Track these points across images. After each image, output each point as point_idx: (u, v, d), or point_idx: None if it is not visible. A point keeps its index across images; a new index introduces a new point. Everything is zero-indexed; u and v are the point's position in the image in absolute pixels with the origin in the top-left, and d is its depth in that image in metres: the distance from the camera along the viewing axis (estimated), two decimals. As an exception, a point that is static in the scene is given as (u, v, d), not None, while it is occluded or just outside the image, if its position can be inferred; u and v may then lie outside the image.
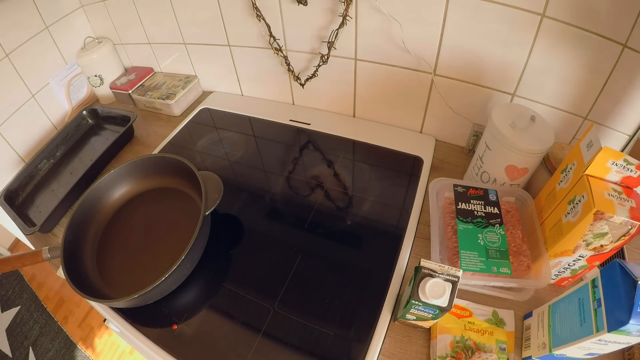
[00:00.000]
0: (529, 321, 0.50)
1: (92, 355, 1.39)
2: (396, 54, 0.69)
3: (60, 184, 0.84)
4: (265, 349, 0.52)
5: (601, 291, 0.38)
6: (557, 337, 0.43)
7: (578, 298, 0.41)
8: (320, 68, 0.77)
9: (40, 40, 0.90)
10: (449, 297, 0.43)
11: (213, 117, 0.93)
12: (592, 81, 0.57)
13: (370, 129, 0.82)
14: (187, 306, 0.58)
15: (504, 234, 0.52)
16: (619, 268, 0.37)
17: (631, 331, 0.35)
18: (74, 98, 1.03)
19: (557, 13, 0.53)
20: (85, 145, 0.92)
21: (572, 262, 0.50)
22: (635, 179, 0.44)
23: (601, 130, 0.61)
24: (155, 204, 0.70)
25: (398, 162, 0.75)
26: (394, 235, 0.63)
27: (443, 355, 0.48)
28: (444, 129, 0.78)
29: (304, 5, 0.68)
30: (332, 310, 0.55)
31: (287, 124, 0.87)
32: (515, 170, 0.58)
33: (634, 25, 0.49)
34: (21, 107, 0.89)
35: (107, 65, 1.02)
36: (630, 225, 0.41)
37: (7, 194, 0.80)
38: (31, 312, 1.51)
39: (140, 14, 0.92)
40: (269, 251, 0.64)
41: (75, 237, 0.62)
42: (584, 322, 0.39)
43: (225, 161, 0.82)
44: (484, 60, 0.63)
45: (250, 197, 0.73)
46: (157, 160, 0.69)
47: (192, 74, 1.01)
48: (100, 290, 0.59)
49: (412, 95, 0.74)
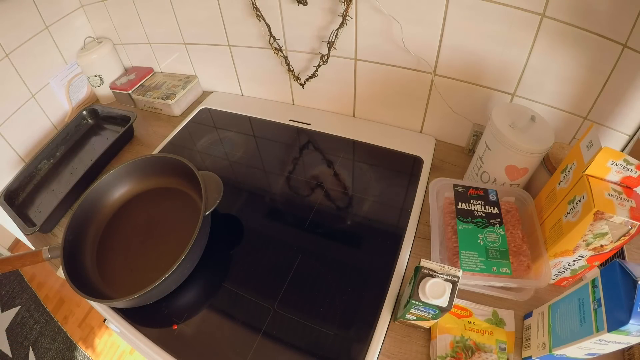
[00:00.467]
0: (528, 321, 0.50)
1: (92, 355, 1.39)
2: (396, 54, 0.69)
3: (60, 184, 0.84)
4: (265, 349, 0.52)
5: (601, 291, 0.38)
6: (557, 337, 0.43)
7: (578, 298, 0.41)
8: (320, 68, 0.77)
9: (40, 40, 0.90)
10: (449, 297, 0.43)
11: (213, 117, 0.93)
12: (592, 81, 0.57)
13: (370, 129, 0.82)
14: (187, 306, 0.58)
15: (504, 234, 0.52)
16: (619, 268, 0.37)
17: (631, 331, 0.35)
18: (74, 98, 1.03)
19: (557, 13, 0.53)
20: (85, 145, 0.92)
21: (572, 262, 0.50)
22: (635, 179, 0.44)
23: (601, 130, 0.61)
24: (155, 204, 0.70)
25: (398, 162, 0.75)
26: (394, 235, 0.63)
27: (443, 355, 0.48)
28: (444, 129, 0.78)
29: (304, 5, 0.68)
30: (332, 310, 0.55)
31: (287, 124, 0.87)
32: (515, 170, 0.58)
33: (634, 25, 0.49)
34: (21, 107, 0.89)
35: (107, 65, 1.02)
36: (630, 225, 0.41)
37: (7, 194, 0.80)
38: (31, 312, 1.51)
39: (140, 14, 0.92)
40: (269, 251, 0.64)
41: (75, 237, 0.62)
42: (584, 322, 0.39)
43: (225, 161, 0.82)
44: (483, 60, 0.63)
45: (250, 197, 0.73)
46: (157, 160, 0.69)
47: (192, 74, 1.01)
48: (100, 290, 0.59)
49: (412, 95, 0.74)
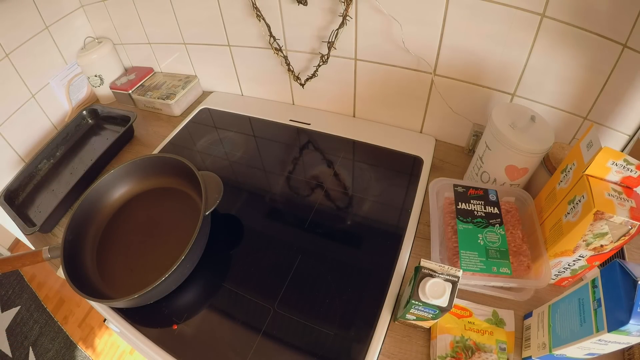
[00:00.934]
0: (528, 321, 0.50)
1: (92, 355, 1.39)
2: (396, 54, 0.69)
3: (60, 184, 0.84)
4: (265, 349, 0.52)
5: (601, 291, 0.38)
6: (557, 337, 0.43)
7: (578, 298, 0.41)
8: (320, 68, 0.77)
9: (40, 40, 0.90)
10: (449, 297, 0.43)
11: (213, 117, 0.93)
12: (592, 81, 0.57)
13: (370, 129, 0.82)
14: (187, 306, 0.58)
15: (504, 234, 0.52)
16: (619, 268, 0.37)
17: (631, 331, 0.35)
18: (74, 98, 1.03)
19: (557, 13, 0.53)
20: (85, 145, 0.92)
21: (572, 262, 0.50)
22: (635, 179, 0.44)
23: (601, 130, 0.61)
24: (155, 204, 0.70)
25: (398, 162, 0.75)
26: (394, 235, 0.63)
27: (443, 355, 0.48)
28: (444, 129, 0.78)
29: (304, 5, 0.68)
30: (332, 310, 0.55)
31: (287, 124, 0.87)
32: (515, 170, 0.58)
33: (634, 25, 0.49)
34: (21, 107, 0.89)
35: (107, 65, 1.02)
36: (630, 225, 0.41)
37: (7, 194, 0.80)
38: (31, 312, 1.51)
39: (140, 14, 0.92)
40: (269, 251, 0.64)
41: (75, 237, 0.62)
42: (584, 322, 0.39)
43: (225, 161, 0.82)
44: (484, 60, 0.63)
45: (250, 197, 0.73)
46: (157, 160, 0.69)
47: (192, 74, 1.01)
48: (100, 290, 0.59)
49: (412, 95, 0.74)
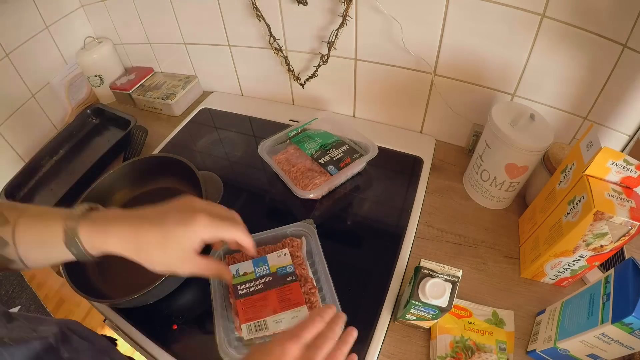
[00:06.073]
0: (540, 317, 0.51)
1: (92, 355, 1.39)
2: (396, 54, 0.69)
3: (60, 184, 0.84)
4: (265, 349, 0.52)
5: (612, 287, 0.39)
6: (564, 330, 0.43)
7: (590, 294, 0.42)
8: (320, 68, 0.77)
9: (40, 40, 0.90)
10: (448, 297, 0.43)
11: (213, 117, 0.93)
12: (592, 81, 0.57)
13: (370, 129, 0.82)
14: (187, 306, 0.58)
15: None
16: (632, 265, 0.38)
17: (634, 328, 0.35)
18: (74, 98, 1.03)
19: (557, 13, 0.53)
20: (87, 145, 0.92)
21: (572, 263, 0.50)
22: (635, 179, 0.44)
23: (601, 130, 0.61)
24: (155, 204, 0.70)
25: (398, 162, 0.75)
26: (394, 235, 0.63)
27: (443, 355, 0.48)
28: (444, 129, 0.78)
29: (304, 5, 0.68)
30: (332, 310, 0.55)
31: (287, 124, 0.87)
32: (515, 169, 0.58)
33: (634, 25, 0.49)
34: (21, 107, 0.89)
35: (107, 65, 1.02)
36: (630, 226, 0.42)
37: (8, 190, 0.79)
38: (31, 312, 1.51)
39: (140, 13, 0.92)
40: (269, 251, 0.63)
41: (75, 237, 0.61)
42: (591, 315, 0.40)
43: (225, 161, 0.82)
44: (484, 60, 0.63)
45: (250, 197, 0.73)
46: (157, 160, 0.69)
47: (192, 74, 1.01)
48: (100, 290, 0.58)
49: (412, 95, 0.74)
